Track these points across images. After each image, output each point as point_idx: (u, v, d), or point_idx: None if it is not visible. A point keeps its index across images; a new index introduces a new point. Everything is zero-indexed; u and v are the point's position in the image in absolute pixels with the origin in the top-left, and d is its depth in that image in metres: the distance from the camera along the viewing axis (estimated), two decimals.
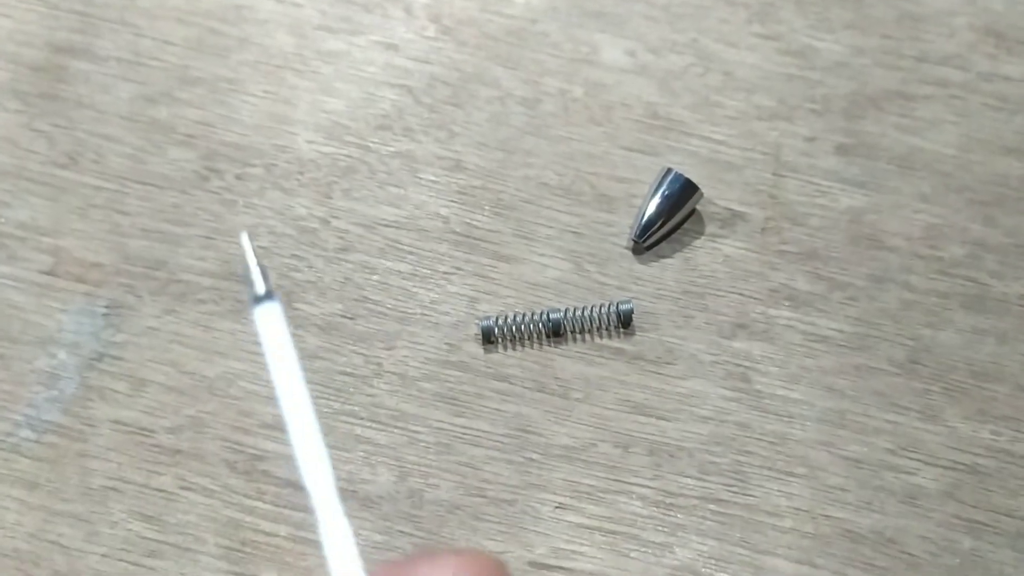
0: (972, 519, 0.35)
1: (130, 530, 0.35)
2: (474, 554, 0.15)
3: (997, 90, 0.42)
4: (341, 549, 0.14)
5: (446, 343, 0.38)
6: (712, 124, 0.42)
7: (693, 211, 0.39)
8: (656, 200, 0.38)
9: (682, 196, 0.38)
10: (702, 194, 0.39)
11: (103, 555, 0.35)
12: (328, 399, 0.37)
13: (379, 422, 0.37)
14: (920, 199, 0.40)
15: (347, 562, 0.14)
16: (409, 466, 0.36)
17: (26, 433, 0.37)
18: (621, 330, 0.38)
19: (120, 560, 0.35)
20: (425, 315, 0.38)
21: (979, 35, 0.43)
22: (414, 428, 0.37)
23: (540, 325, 0.37)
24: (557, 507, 0.35)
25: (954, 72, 0.42)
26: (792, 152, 0.41)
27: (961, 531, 0.35)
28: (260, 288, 0.16)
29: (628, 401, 0.37)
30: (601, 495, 0.36)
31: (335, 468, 0.37)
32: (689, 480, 0.36)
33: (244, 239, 0.16)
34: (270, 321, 0.16)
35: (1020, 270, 0.39)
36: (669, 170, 0.39)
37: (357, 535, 0.16)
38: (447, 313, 0.38)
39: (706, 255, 0.39)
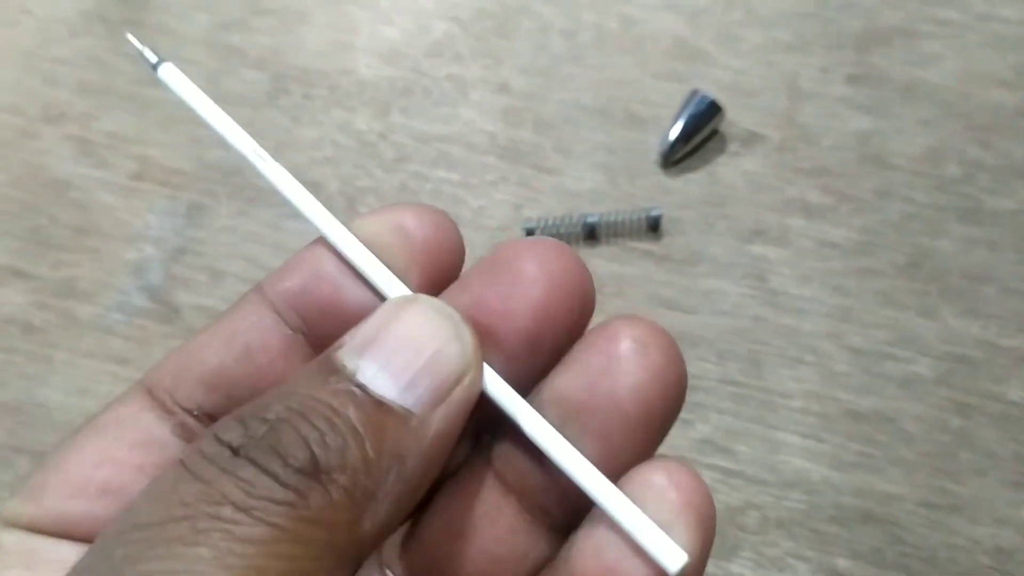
0: (961, 402, 0.39)
1: None
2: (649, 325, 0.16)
3: (993, 30, 0.46)
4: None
5: (493, 244, 0.42)
6: (734, 55, 0.46)
7: (716, 131, 0.44)
8: (683, 119, 0.42)
9: (706, 115, 0.42)
10: (725, 114, 0.43)
11: None
12: None
13: None
14: (921, 124, 0.44)
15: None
16: None
17: (118, 316, 0.41)
18: (650, 234, 0.42)
19: None
20: (474, 219, 0.43)
21: None
22: None
23: (577, 229, 0.42)
24: None
25: (954, 13, 0.47)
26: (807, 81, 0.45)
27: (951, 412, 0.39)
28: (152, 57, 0.17)
29: (656, 296, 0.41)
30: None
31: None
32: (709, 365, 0.40)
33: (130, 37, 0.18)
34: (176, 80, 0.17)
35: (1010, 187, 0.43)
36: (696, 91, 0.43)
37: None
38: (493, 217, 0.43)
39: (728, 170, 0.43)
